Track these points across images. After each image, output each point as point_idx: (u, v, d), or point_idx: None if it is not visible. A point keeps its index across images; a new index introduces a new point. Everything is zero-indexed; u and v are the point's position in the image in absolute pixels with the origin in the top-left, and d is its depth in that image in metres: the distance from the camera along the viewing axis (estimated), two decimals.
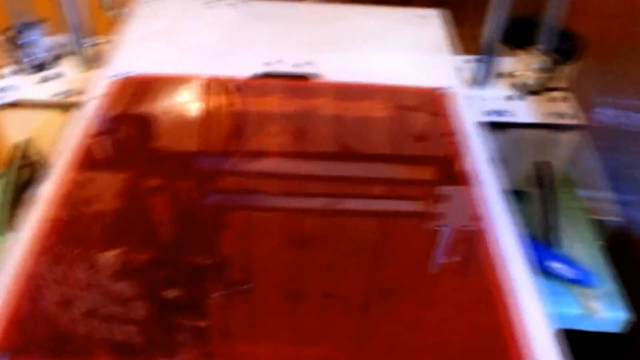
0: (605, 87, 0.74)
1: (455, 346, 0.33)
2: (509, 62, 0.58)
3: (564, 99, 0.55)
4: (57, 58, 0.58)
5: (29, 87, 0.55)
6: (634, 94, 0.69)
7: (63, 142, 0.43)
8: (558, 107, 0.54)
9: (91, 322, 0.32)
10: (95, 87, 0.49)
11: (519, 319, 0.33)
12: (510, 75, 0.57)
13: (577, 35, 0.66)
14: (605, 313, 0.48)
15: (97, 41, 0.60)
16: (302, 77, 0.49)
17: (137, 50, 0.54)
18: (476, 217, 0.39)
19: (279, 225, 0.39)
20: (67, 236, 0.37)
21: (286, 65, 0.51)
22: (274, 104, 0.49)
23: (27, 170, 0.56)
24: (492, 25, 0.53)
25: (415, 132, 0.47)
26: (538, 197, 0.55)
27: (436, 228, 0.39)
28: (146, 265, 0.36)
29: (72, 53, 0.57)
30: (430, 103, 0.49)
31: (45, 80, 0.56)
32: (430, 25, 0.58)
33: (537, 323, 0.33)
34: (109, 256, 0.36)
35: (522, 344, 0.32)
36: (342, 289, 0.35)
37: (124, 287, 0.34)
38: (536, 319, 0.33)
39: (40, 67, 0.57)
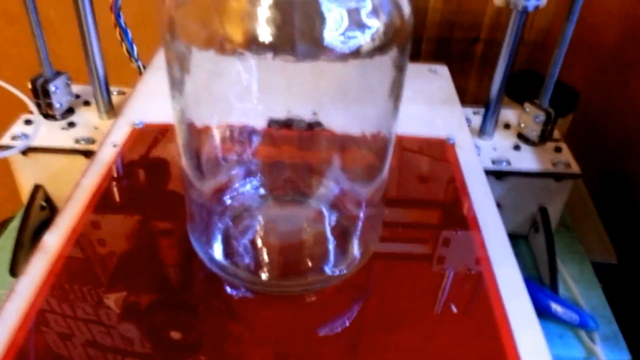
0: (595, 138, 0.78)
1: None
2: (512, 114, 0.62)
3: (561, 149, 0.58)
4: (80, 105, 0.61)
5: (52, 132, 0.56)
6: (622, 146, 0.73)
7: (80, 186, 0.45)
8: (556, 157, 0.57)
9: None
10: (115, 134, 0.51)
11: None
12: (515, 126, 0.60)
13: (573, 90, 0.70)
14: (607, 355, 0.50)
15: (119, 90, 0.63)
16: (312, 127, 0.51)
17: (155, 99, 0.55)
18: (479, 260, 0.40)
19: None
20: (76, 275, 0.37)
21: (299, 116, 0.53)
22: (284, 152, 0.50)
23: (45, 213, 0.57)
24: (498, 78, 0.56)
25: (422, 179, 0.50)
26: (539, 241, 0.57)
27: (438, 270, 0.40)
28: (151, 307, 0.36)
29: (95, 101, 0.59)
30: (440, 152, 0.52)
31: (67, 126, 0.58)
32: (441, 79, 0.61)
33: None
34: (115, 297, 0.36)
35: None
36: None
37: (128, 328, 0.35)
38: None
39: (63, 114, 0.59)
